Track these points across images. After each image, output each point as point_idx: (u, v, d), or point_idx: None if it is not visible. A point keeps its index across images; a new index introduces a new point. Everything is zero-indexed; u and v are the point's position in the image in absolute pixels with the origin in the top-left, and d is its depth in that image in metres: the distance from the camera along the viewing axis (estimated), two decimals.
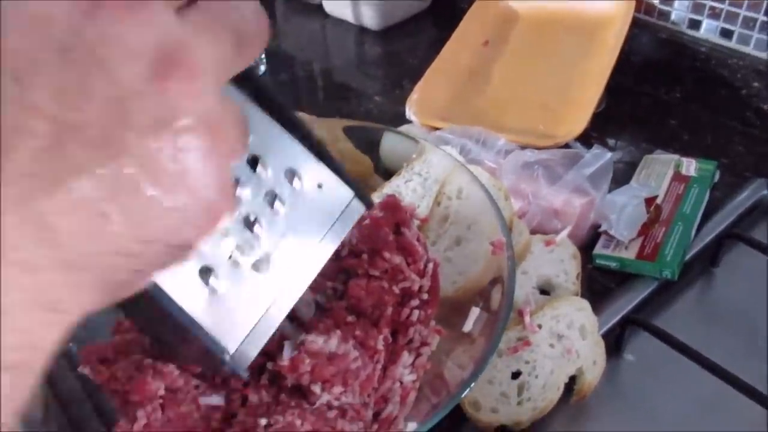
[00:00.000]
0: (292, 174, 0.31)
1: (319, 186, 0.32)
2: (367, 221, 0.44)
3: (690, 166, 0.61)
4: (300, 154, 0.31)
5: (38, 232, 0.18)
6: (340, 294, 0.43)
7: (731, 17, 0.73)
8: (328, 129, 0.56)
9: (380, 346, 0.40)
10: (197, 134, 0.20)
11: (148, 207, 0.20)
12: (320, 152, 0.32)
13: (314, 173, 0.32)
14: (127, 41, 0.19)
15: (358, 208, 0.34)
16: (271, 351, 0.38)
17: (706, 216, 0.57)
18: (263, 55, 0.81)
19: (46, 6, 0.18)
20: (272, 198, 0.31)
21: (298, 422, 0.36)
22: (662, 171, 0.61)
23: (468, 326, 0.42)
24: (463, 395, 0.36)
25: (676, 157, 0.63)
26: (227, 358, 0.29)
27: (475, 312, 0.42)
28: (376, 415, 0.39)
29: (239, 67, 0.22)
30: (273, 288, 0.31)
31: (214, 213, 0.22)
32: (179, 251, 0.21)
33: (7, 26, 0.18)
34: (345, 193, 0.33)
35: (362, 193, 0.34)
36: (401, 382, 0.40)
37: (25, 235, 0.18)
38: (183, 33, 0.20)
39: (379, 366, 0.40)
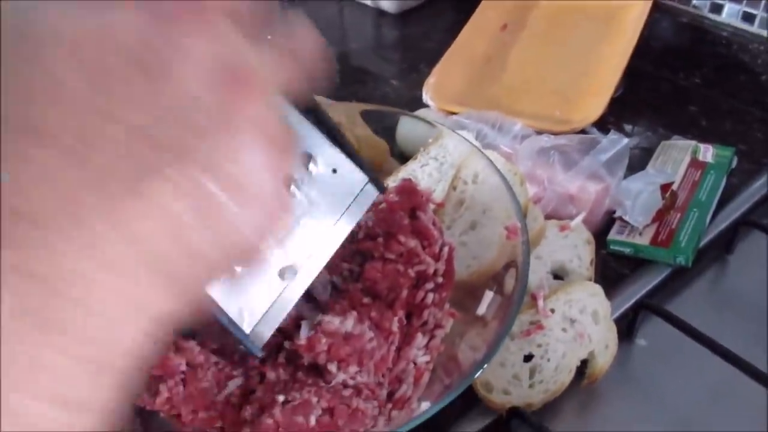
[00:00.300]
0: (307, 158, 0.32)
1: (334, 171, 0.33)
2: (382, 205, 0.45)
3: (707, 153, 0.61)
4: (316, 139, 0.32)
5: (124, 237, 0.19)
6: (356, 276, 0.43)
7: (754, 1, 0.72)
8: (345, 113, 0.56)
9: (395, 327, 0.41)
10: (257, 143, 0.21)
11: (218, 212, 0.21)
12: (336, 137, 0.33)
13: (329, 158, 0.33)
14: (194, 53, 0.20)
15: (372, 193, 0.35)
16: (288, 330, 0.40)
17: (722, 203, 0.57)
18: None
19: (121, 18, 0.20)
20: (288, 181, 0.31)
21: (315, 399, 0.37)
22: (679, 157, 0.61)
23: (482, 309, 0.42)
24: (475, 377, 0.37)
25: (693, 143, 0.62)
26: (243, 337, 0.30)
27: (488, 296, 0.43)
28: (391, 395, 0.40)
29: (297, 89, 0.24)
30: (288, 269, 0.32)
31: (274, 217, 0.23)
32: (246, 254, 0.23)
33: (85, 38, 0.20)
34: (359, 177, 0.34)
35: (376, 177, 0.35)
36: (415, 363, 0.41)
37: (114, 240, 0.19)
38: (248, 52, 0.21)
39: (394, 347, 0.41)
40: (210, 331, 0.37)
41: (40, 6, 0.21)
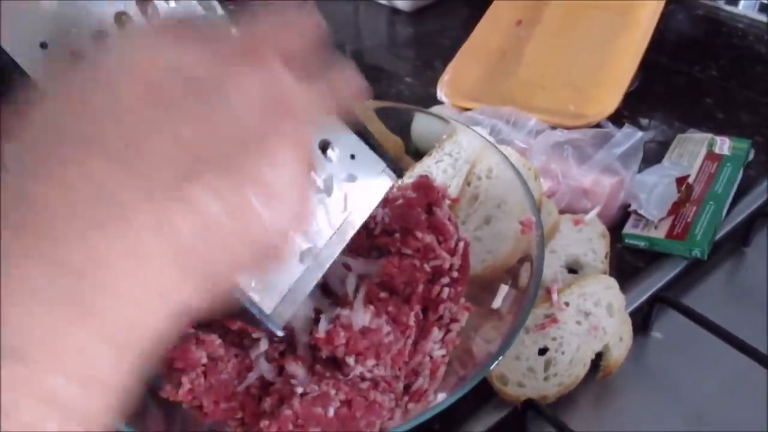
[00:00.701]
0: (326, 144, 0.33)
1: (352, 156, 0.35)
2: (400, 201, 0.45)
3: (723, 145, 0.61)
4: (335, 127, 0.34)
5: (158, 233, 0.22)
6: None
7: None
8: (360, 110, 0.57)
9: (411, 321, 0.42)
10: (293, 161, 0.25)
11: (249, 214, 0.24)
12: (355, 125, 0.34)
13: (348, 144, 0.34)
14: (246, 85, 0.24)
15: (389, 178, 0.36)
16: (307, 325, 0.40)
17: (739, 195, 0.57)
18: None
19: (186, 53, 0.24)
20: (314, 184, 0.33)
21: (333, 392, 0.37)
22: (695, 150, 0.61)
23: (497, 303, 0.43)
24: (490, 369, 0.37)
25: (709, 135, 0.62)
26: (264, 317, 0.32)
27: (503, 289, 0.43)
28: (407, 388, 0.41)
29: (332, 114, 0.29)
30: (307, 252, 0.33)
31: (299, 220, 0.26)
32: (271, 253, 0.26)
33: (152, 68, 0.23)
34: (377, 164, 0.36)
35: (393, 163, 0.36)
36: (431, 357, 0.42)
37: (148, 234, 0.22)
38: (292, 87, 0.25)
39: (410, 341, 0.42)
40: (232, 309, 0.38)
41: (112, 38, 0.26)
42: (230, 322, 0.40)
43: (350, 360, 0.39)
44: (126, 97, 0.22)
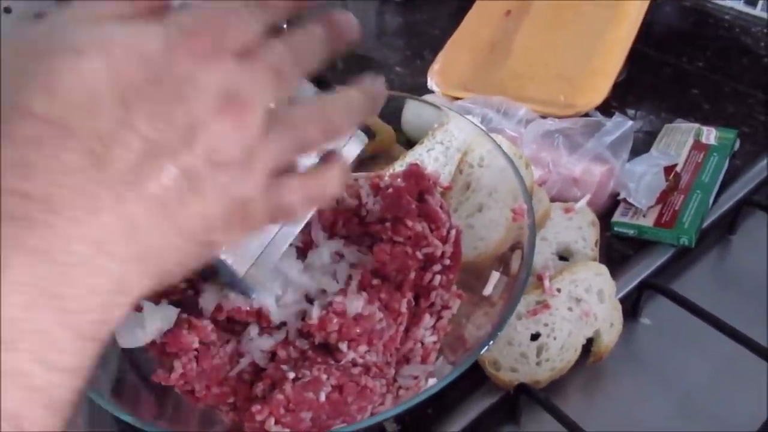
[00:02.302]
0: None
1: None
2: (390, 190, 0.45)
3: (710, 135, 0.62)
4: (307, 89, 0.35)
5: (126, 229, 0.23)
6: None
7: None
8: None
9: (404, 308, 0.42)
10: (237, 162, 0.25)
11: (197, 214, 0.25)
12: (326, 88, 0.35)
13: None
14: (202, 81, 0.24)
15: (360, 140, 0.37)
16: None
17: (725, 184, 0.58)
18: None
19: (151, 44, 0.24)
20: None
21: (325, 377, 0.38)
22: (682, 140, 0.62)
23: (488, 290, 0.43)
24: (480, 353, 0.37)
25: (696, 125, 0.63)
26: (235, 280, 0.32)
27: (495, 276, 0.43)
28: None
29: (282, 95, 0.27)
30: None
31: (241, 221, 0.27)
32: (210, 247, 0.27)
33: (123, 56, 0.23)
34: None
35: (366, 126, 0.38)
36: (423, 343, 0.42)
37: (117, 232, 0.23)
38: (242, 79, 0.25)
39: (402, 327, 0.42)
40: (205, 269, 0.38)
41: (70, 16, 0.25)
42: (217, 313, 0.40)
43: (343, 346, 0.39)
44: (98, 86, 0.23)
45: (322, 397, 0.37)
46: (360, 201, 0.46)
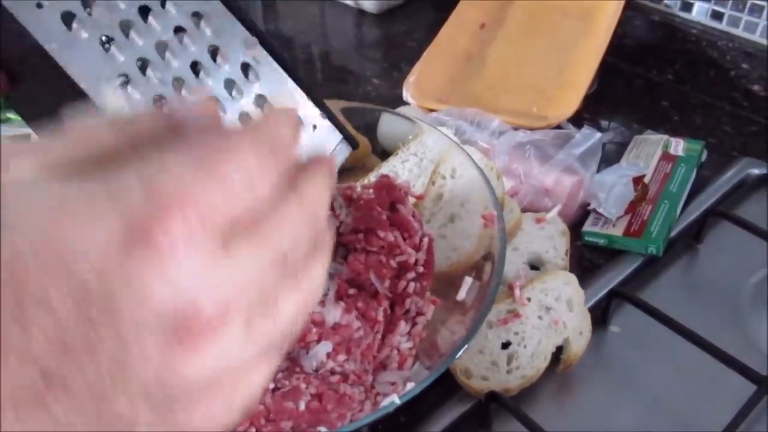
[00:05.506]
0: None
1: (314, 127, 0.39)
2: (361, 202, 0.46)
3: (678, 146, 0.63)
4: (300, 99, 0.38)
5: None
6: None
7: (722, 0, 0.75)
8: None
9: (380, 316, 0.43)
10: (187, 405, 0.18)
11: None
12: (317, 100, 0.39)
13: (311, 116, 0.38)
14: (150, 296, 0.17)
15: (346, 148, 0.40)
16: None
17: (693, 194, 0.59)
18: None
19: (87, 230, 0.17)
20: None
21: (304, 386, 0.38)
22: (651, 151, 0.63)
23: (461, 295, 0.44)
24: (456, 357, 0.38)
25: (665, 137, 0.64)
26: None
27: (468, 281, 0.44)
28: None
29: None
30: None
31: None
32: None
33: (29, 255, 0.16)
34: (335, 135, 0.40)
35: (349, 136, 0.40)
36: (399, 350, 0.43)
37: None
38: (221, 275, 0.18)
39: (379, 335, 0.43)
40: None
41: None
42: None
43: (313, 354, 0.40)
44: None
45: (302, 406, 0.38)
46: (333, 212, 0.46)
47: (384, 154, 0.60)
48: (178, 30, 0.35)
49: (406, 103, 0.71)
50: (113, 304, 0.17)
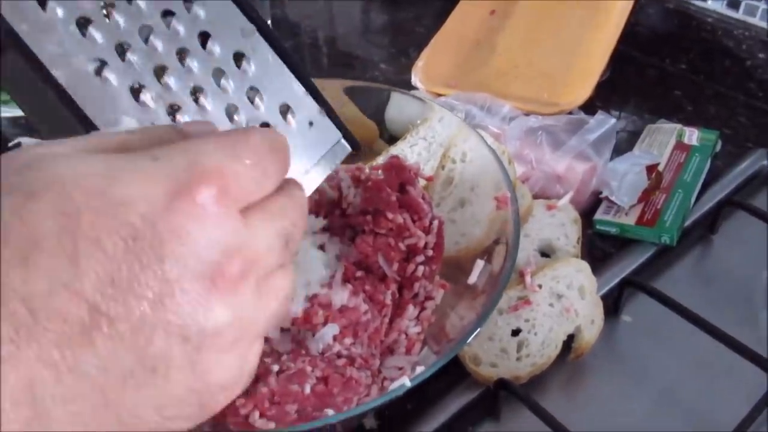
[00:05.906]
0: (287, 108, 0.34)
1: (311, 124, 0.35)
2: (369, 183, 0.45)
3: (692, 136, 0.62)
4: (298, 93, 0.35)
5: (34, 416, 0.18)
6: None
7: None
8: (334, 92, 0.56)
9: (388, 300, 0.42)
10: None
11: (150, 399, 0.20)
12: (316, 95, 0.35)
13: (308, 111, 0.35)
14: (194, 243, 0.20)
15: (345, 149, 0.37)
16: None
17: (707, 184, 0.58)
18: (269, 21, 0.81)
19: (135, 188, 0.19)
20: (265, 125, 0.33)
21: (309, 369, 0.37)
22: (664, 140, 0.62)
23: (473, 278, 0.43)
24: (465, 343, 0.37)
25: (678, 126, 0.63)
26: None
27: (479, 264, 0.43)
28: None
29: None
30: None
31: (203, 407, 0.22)
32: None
33: (86, 204, 0.18)
34: (333, 133, 0.36)
35: (349, 135, 0.37)
36: (407, 334, 0.42)
37: (21, 416, 0.18)
38: (246, 238, 0.21)
39: (387, 319, 0.42)
40: None
41: (67, 147, 0.21)
42: None
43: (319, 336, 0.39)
44: (36, 229, 0.18)
45: (308, 390, 0.37)
46: (341, 193, 0.45)
47: (392, 139, 0.58)
48: (167, 14, 0.31)
49: (414, 88, 0.70)
50: (160, 247, 0.19)
